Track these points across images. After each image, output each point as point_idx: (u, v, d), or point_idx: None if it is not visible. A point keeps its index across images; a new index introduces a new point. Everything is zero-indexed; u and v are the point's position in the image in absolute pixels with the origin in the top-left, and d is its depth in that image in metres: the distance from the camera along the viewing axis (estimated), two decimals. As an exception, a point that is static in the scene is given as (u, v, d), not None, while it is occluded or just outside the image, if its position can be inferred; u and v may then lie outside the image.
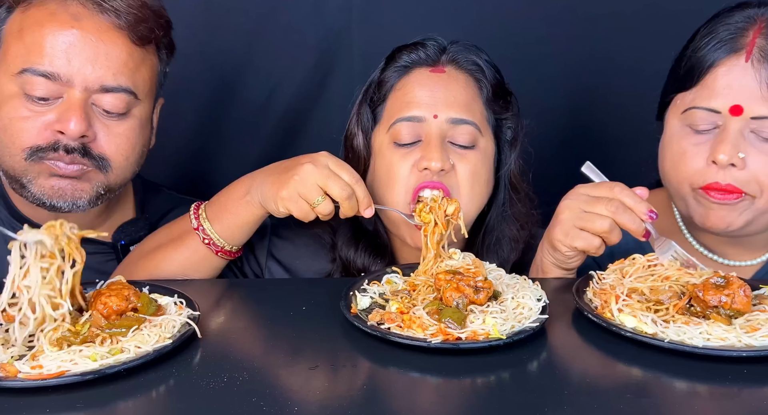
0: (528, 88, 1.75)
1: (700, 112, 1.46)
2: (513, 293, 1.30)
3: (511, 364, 1.15)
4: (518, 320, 1.22)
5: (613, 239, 1.41)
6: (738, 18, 1.47)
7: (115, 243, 1.68)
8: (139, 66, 1.56)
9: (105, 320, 1.20)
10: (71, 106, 1.50)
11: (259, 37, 2.21)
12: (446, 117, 1.55)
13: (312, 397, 1.05)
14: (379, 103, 1.63)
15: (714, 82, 1.45)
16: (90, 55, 1.49)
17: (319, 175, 1.40)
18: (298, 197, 1.41)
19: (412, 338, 1.17)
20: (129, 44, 1.54)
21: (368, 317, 1.25)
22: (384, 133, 1.59)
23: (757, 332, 1.15)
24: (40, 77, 1.49)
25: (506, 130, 1.65)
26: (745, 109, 1.42)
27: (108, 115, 1.54)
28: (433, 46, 1.62)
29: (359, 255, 1.67)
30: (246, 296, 1.49)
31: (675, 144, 1.52)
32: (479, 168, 1.57)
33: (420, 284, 1.35)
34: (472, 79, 1.61)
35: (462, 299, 1.24)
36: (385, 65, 1.65)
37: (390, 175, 1.57)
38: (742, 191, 1.45)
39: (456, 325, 1.20)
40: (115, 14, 1.51)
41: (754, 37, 1.43)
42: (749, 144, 1.43)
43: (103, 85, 1.51)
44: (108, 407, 1.05)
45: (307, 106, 2.27)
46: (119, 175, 1.59)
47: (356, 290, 1.34)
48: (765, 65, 1.41)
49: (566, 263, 1.47)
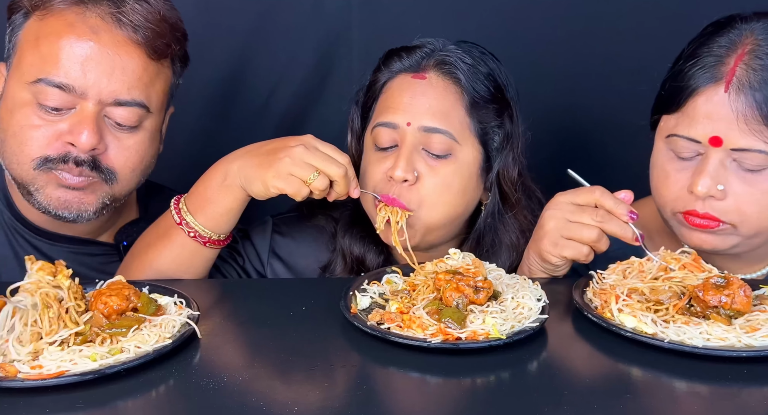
0: (527, 88, 1.75)
1: (681, 141, 1.44)
2: (513, 292, 1.30)
3: (510, 364, 1.15)
4: (518, 320, 1.22)
5: (601, 247, 1.41)
6: (722, 41, 1.42)
7: (118, 244, 1.67)
8: (153, 80, 1.55)
9: (105, 320, 1.20)
10: (84, 119, 1.49)
11: (258, 37, 2.21)
12: (419, 125, 1.54)
13: (312, 397, 1.04)
14: (369, 104, 1.65)
15: (694, 111, 1.42)
16: (106, 68, 1.48)
17: (313, 156, 1.42)
18: (290, 175, 1.42)
19: (411, 338, 1.17)
20: (145, 58, 1.52)
21: (368, 317, 1.25)
22: (369, 135, 1.61)
23: (757, 332, 1.15)
24: (54, 88, 1.47)
25: (494, 137, 1.62)
26: (724, 141, 1.38)
27: (119, 128, 1.53)
28: (421, 51, 1.60)
29: (355, 242, 1.67)
30: (246, 296, 1.49)
31: (659, 166, 1.50)
32: (451, 179, 1.56)
33: (420, 284, 1.35)
34: (453, 87, 1.58)
35: (462, 299, 1.24)
36: (377, 68, 1.65)
37: (364, 175, 1.60)
38: (720, 220, 1.43)
39: (456, 325, 1.20)
40: (132, 29, 1.50)
41: (734, 66, 1.38)
42: (731, 173, 1.40)
43: (117, 98, 1.50)
44: (108, 407, 1.05)
45: (307, 106, 2.27)
46: (125, 186, 1.59)
47: (356, 290, 1.34)
48: (742, 96, 1.36)
49: (555, 271, 1.48)
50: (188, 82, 2.18)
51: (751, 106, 1.36)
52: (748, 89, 1.37)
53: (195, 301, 1.28)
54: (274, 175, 1.42)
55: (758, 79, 1.37)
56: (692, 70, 1.43)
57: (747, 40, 1.40)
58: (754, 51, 1.39)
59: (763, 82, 1.37)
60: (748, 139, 1.37)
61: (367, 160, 1.62)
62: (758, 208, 1.42)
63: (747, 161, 1.39)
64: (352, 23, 2.21)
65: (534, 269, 1.50)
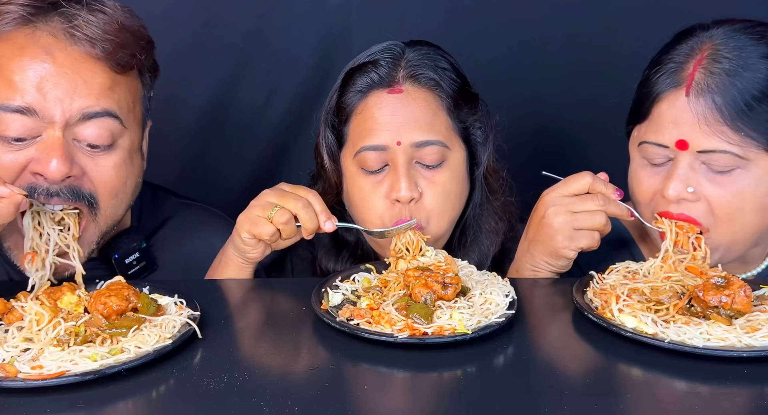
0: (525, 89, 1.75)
1: (651, 147, 1.46)
2: (482, 289, 1.32)
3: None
4: (485, 315, 1.24)
5: (607, 230, 1.45)
6: (683, 48, 1.45)
7: (109, 257, 1.57)
8: (122, 92, 1.44)
9: (105, 320, 1.20)
10: (51, 145, 1.36)
11: (258, 37, 2.21)
12: (410, 142, 1.52)
13: (312, 397, 1.05)
14: (341, 125, 1.61)
15: (660, 117, 1.44)
16: (67, 88, 1.36)
17: (272, 193, 1.46)
18: (255, 217, 1.44)
19: (379, 333, 1.19)
20: (109, 72, 1.41)
21: (338, 313, 1.26)
22: (351, 158, 1.58)
23: (758, 332, 1.15)
24: (14, 114, 1.34)
25: (476, 132, 1.63)
26: (690, 144, 1.40)
27: (93, 150, 1.41)
28: (387, 63, 1.56)
29: (340, 265, 1.68)
30: (246, 296, 1.49)
31: (634, 174, 1.53)
32: (450, 186, 1.57)
33: (391, 281, 1.36)
34: (432, 93, 1.56)
35: (430, 295, 1.26)
36: (342, 89, 1.60)
37: (365, 207, 1.58)
38: (696, 221, 1.44)
39: (423, 320, 1.21)
40: (89, 43, 1.38)
41: (693, 70, 1.41)
42: (701, 175, 1.42)
43: (84, 111, 1.37)
44: (108, 407, 1.05)
45: (307, 106, 2.26)
46: (110, 215, 1.47)
47: (328, 287, 1.36)
48: (702, 100, 1.39)
49: (563, 267, 1.49)
50: (188, 81, 2.19)
51: (711, 108, 1.38)
52: (707, 92, 1.39)
53: (195, 301, 1.29)
54: (242, 221, 1.45)
55: (716, 82, 1.39)
56: (655, 77, 1.46)
57: (705, 46, 1.43)
58: (712, 55, 1.41)
59: (721, 84, 1.39)
60: (712, 140, 1.39)
61: (357, 186, 1.58)
62: (729, 210, 1.42)
63: (714, 163, 1.41)
64: (352, 23, 2.21)
65: (541, 270, 1.50)
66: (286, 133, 2.29)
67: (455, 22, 2.19)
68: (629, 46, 2.09)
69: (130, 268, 1.59)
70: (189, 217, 1.74)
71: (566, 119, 2.28)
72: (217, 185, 2.26)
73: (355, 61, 1.61)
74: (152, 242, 1.67)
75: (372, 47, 1.61)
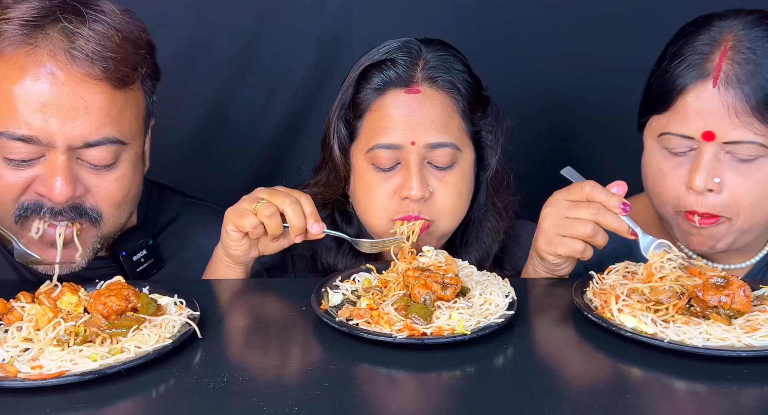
0: (525, 88, 1.75)
1: (675, 138, 1.46)
2: (481, 289, 1.32)
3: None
4: (484, 316, 1.24)
5: (599, 242, 1.41)
6: (703, 39, 1.45)
7: (117, 255, 1.59)
8: (123, 110, 1.43)
9: (105, 320, 1.20)
10: (55, 168, 1.38)
11: (258, 37, 2.21)
12: (424, 142, 1.53)
13: (311, 396, 1.05)
14: (355, 120, 1.61)
15: (685, 108, 1.45)
16: (69, 111, 1.36)
17: (264, 190, 1.49)
18: (241, 208, 1.46)
19: (378, 333, 1.19)
20: (110, 91, 1.40)
21: (338, 313, 1.26)
22: (363, 154, 1.58)
23: (757, 332, 1.15)
24: (18, 141, 1.36)
25: (486, 135, 1.63)
26: (717, 135, 1.41)
27: (95, 168, 1.42)
28: (405, 62, 1.56)
29: (340, 258, 1.68)
30: (246, 296, 1.49)
31: (654, 165, 1.52)
32: (460, 187, 1.58)
33: (391, 281, 1.36)
34: (448, 95, 1.57)
35: (429, 295, 1.26)
36: (358, 85, 1.59)
37: (371, 199, 1.58)
38: (719, 216, 1.45)
39: (422, 320, 1.21)
40: (89, 62, 1.37)
41: (720, 62, 1.41)
42: (725, 165, 1.43)
43: (86, 141, 1.38)
44: (108, 407, 1.05)
45: (307, 106, 2.26)
46: (112, 225, 1.49)
47: (328, 287, 1.36)
48: (731, 90, 1.40)
49: (555, 270, 1.48)
50: (188, 81, 2.19)
51: (740, 99, 1.40)
52: (735, 83, 1.40)
53: (195, 301, 1.29)
54: (228, 213, 1.48)
55: (744, 72, 1.40)
56: (678, 69, 1.46)
57: (728, 37, 1.44)
58: (735, 46, 1.42)
59: (749, 74, 1.40)
60: (740, 131, 1.40)
61: (369, 180, 1.58)
62: (753, 198, 1.44)
63: (740, 152, 1.42)
64: (352, 23, 2.21)
65: (538, 270, 1.50)
66: (286, 133, 2.29)
67: (455, 21, 2.19)
68: (631, 45, 2.10)
69: (138, 265, 1.60)
70: (195, 216, 1.75)
71: (566, 118, 2.28)
72: (216, 185, 2.26)
73: (371, 58, 1.60)
74: (159, 241, 1.68)
75: (387, 43, 1.61)
